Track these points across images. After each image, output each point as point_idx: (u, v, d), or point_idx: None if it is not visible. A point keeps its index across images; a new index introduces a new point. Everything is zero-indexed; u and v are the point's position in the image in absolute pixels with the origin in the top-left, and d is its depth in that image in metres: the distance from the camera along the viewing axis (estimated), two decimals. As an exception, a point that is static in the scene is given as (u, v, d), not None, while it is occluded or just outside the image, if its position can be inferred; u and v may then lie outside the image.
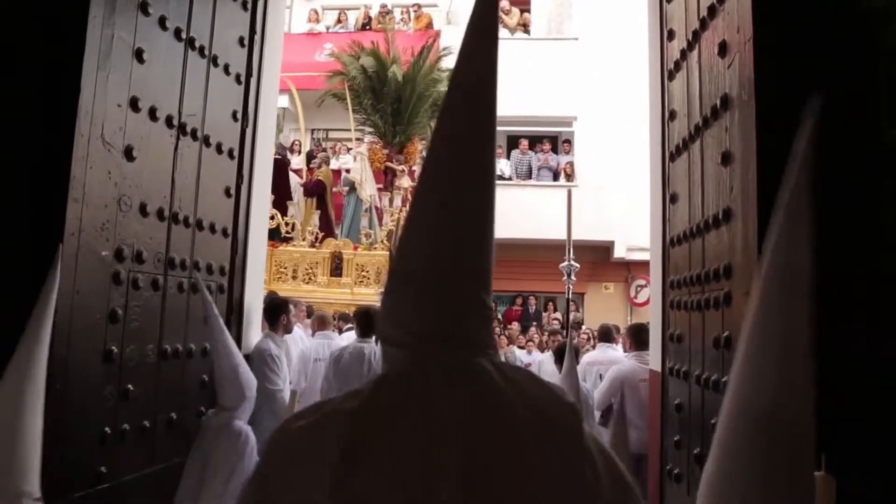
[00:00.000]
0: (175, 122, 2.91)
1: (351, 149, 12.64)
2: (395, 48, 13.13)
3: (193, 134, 3.05)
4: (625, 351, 6.22)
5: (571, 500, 0.89)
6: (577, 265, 8.83)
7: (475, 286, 1.01)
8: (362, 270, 10.11)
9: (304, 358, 5.39)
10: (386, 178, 12.31)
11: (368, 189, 11.48)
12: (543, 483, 0.89)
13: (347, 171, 12.05)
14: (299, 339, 5.47)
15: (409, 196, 10.87)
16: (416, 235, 1.02)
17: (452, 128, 1.04)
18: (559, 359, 5.64)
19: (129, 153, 2.62)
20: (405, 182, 11.30)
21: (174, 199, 2.93)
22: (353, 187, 11.50)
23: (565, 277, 8.57)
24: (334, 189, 11.79)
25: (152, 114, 2.76)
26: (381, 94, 12.82)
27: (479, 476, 0.87)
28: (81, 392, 2.42)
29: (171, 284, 2.92)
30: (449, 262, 0.99)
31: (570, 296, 8.53)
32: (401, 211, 10.72)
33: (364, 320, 4.62)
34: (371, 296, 9.75)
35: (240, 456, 2.85)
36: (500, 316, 13.31)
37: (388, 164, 12.36)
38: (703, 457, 2.41)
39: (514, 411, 0.91)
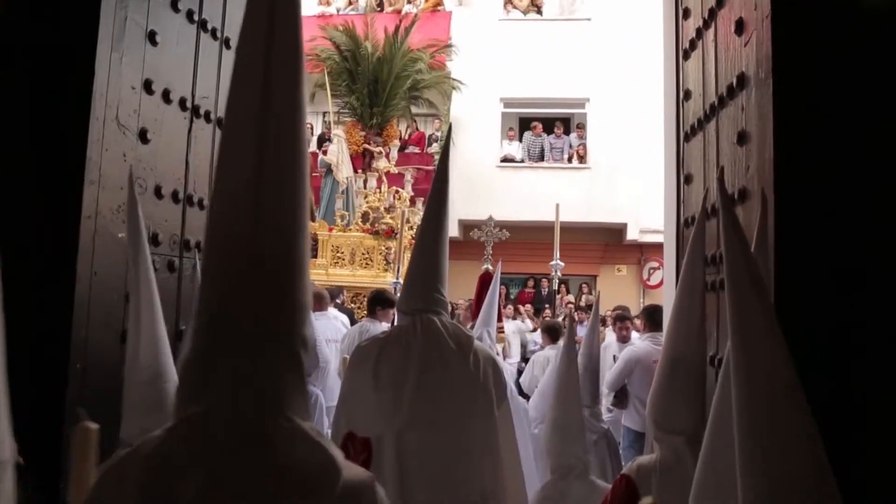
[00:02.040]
0: (188, 104, 2.92)
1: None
2: (400, 32, 13.05)
3: (207, 116, 3.06)
4: (638, 333, 6.25)
5: None
6: (563, 264, 9.02)
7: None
8: (338, 252, 10.18)
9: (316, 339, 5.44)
10: (364, 161, 12.30)
11: (345, 171, 11.50)
12: None
13: (325, 152, 12.07)
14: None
15: (385, 178, 10.90)
16: None
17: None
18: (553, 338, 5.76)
19: (143, 136, 2.64)
20: (382, 163, 11.29)
21: (188, 181, 2.95)
22: (329, 169, 11.51)
23: (553, 273, 8.69)
24: (313, 173, 11.83)
25: (166, 96, 2.77)
26: (356, 76, 12.77)
27: None
28: (100, 371, 2.46)
29: (187, 266, 2.94)
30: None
31: (556, 287, 8.62)
32: (377, 192, 10.74)
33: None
34: (346, 276, 9.83)
35: (310, 416, 3.00)
36: (513, 298, 13.32)
37: (366, 146, 12.35)
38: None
39: (282, 476, 0.95)
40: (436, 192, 2.43)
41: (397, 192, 10.88)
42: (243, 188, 0.97)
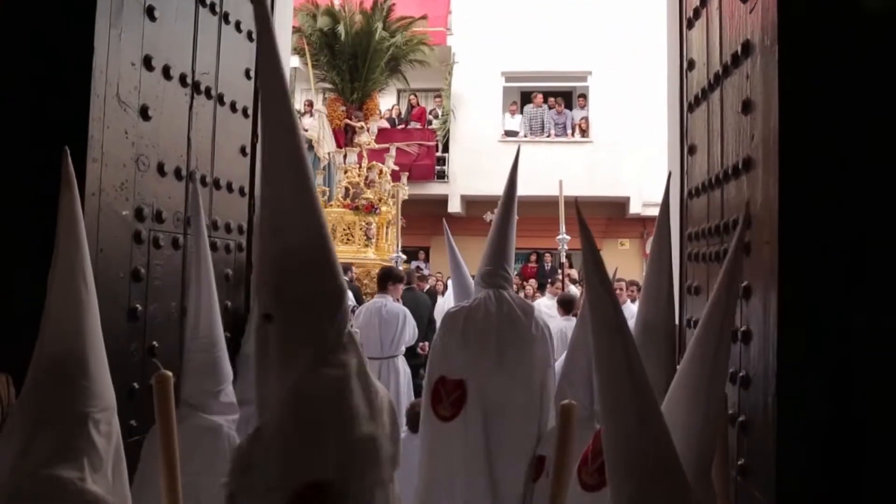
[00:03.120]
0: (189, 80, 2.90)
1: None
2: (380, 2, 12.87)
3: (207, 92, 3.04)
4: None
5: None
6: (569, 237, 9.02)
7: None
8: None
9: None
10: (346, 136, 12.23)
11: (326, 147, 11.43)
12: None
13: (305, 129, 12.01)
14: None
15: (365, 153, 10.82)
16: None
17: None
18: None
19: (144, 112, 2.63)
20: (364, 138, 11.21)
21: (191, 158, 2.94)
22: (310, 145, 11.46)
23: (561, 247, 8.69)
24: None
25: (166, 72, 2.75)
26: (336, 51, 12.66)
27: None
28: (109, 348, 2.47)
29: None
30: None
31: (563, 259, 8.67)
32: (358, 167, 10.67)
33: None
34: None
35: None
36: (517, 273, 13.34)
37: (348, 121, 12.27)
38: (720, 406, 2.44)
39: None
40: (508, 191, 3.09)
41: (381, 170, 10.76)
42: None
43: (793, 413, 1.91)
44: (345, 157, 11.16)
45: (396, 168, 11.29)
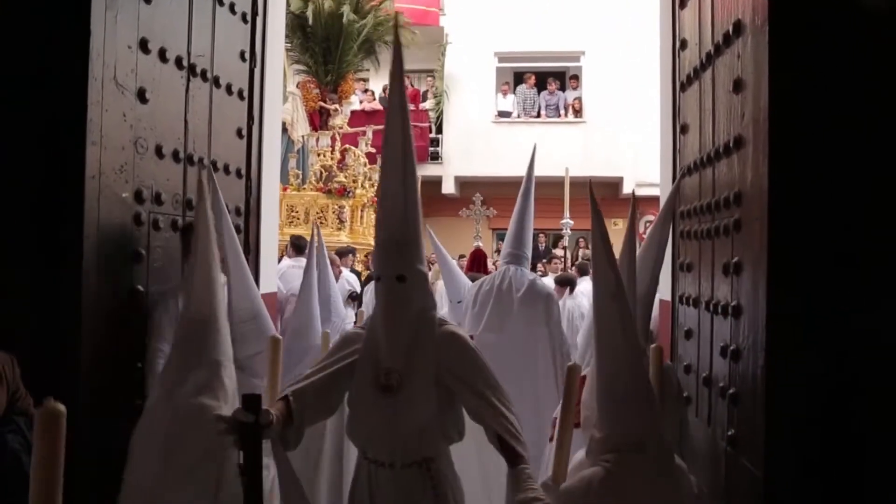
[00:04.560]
0: (185, 63, 2.91)
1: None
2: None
3: (203, 75, 3.05)
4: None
5: None
6: (572, 222, 9.04)
7: None
8: (292, 211, 10.05)
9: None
10: (321, 118, 12.13)
11: (300, 129, 11.34)
12: None
13: None
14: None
15: (339, 135, 10.75)
16: None
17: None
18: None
19: (142, 95, 2.64)
20: (338, 121, 11.10)
21: (188, 140, 2.96)
22: (283, 128, 11.37)
23: (564, 230, 8.73)
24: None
25: (162, 55, 2.76)
26: (308, 33, 12.53)
27: None
28: (110, 329, 2.52)
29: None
30: None
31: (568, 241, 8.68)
32: (332, 150, 10.59)
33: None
34: (303, 235, 9.76)
35: None
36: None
37: (322, 103, 12.18)
38: (712, 380, 2.51)
39: None
40: (526, 184, 3.87)
41: (346, 149, 10.60)
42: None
43: (783, 384, 1.97)
44: (317, 140, 11.02)
45: (374, 150, 11.18)
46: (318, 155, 10.55)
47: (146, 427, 1.85)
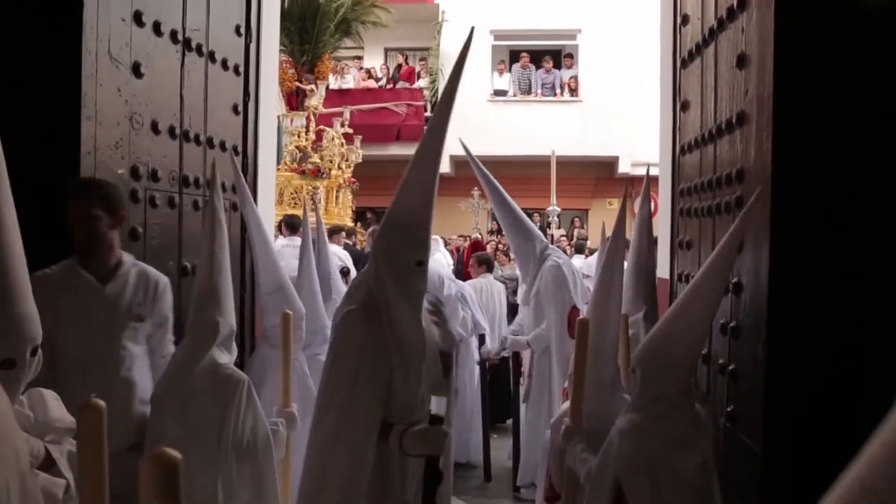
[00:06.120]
0: (180, 37, 2.86)
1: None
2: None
3: (199, 49, 3.00)
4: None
5: None
6: (559, 209, 9.01)
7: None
8: None
9: None
10: (297, 99, 12.01)
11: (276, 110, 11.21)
12: None
13: None
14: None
15: (313, 116, 10.63)
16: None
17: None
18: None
19: (136, 70, 2.60)
20: (315, 101, 10.99)
21: (184, 116, 2.92)
22: None
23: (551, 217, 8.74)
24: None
25: (157, 28, 2.71)
26: (284, 13, 12.38)
27: None
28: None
29: (187, 202, 2.95)
30: None
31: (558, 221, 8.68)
32: (306, 131, 10.51)
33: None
34: (277, 216, 9.71)
35: None
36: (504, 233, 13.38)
37: (298, 84, 12.06)
38: (711, 357, 2.51)
39: None
40: (483, 179, 3.92)
41: (321, 130, 10.52)
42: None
43: (782, 361, 1.97)
44: (291, 120, 10.91)
45: (350, 131, 11.08)
46: (293, 136, 10.45)
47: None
